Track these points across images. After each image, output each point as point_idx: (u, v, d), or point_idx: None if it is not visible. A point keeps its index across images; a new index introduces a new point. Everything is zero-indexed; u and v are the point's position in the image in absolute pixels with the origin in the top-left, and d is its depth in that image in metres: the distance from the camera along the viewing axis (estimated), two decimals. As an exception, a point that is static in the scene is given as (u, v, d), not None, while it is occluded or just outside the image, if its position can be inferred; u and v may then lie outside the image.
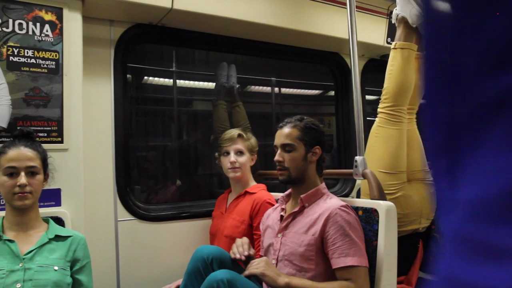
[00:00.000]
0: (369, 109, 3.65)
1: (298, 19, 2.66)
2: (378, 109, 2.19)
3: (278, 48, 2.92)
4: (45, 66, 1.93)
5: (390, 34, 3.07)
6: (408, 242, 2.27)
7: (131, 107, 2.98)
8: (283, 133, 1.79)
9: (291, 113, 4.17)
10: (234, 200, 2.31)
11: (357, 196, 2.82)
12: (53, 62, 1.94)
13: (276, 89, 3.92)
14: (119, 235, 2.28)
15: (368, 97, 3.73)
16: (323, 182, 1.83)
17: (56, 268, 1.53)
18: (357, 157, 1.91)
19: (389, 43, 3.07)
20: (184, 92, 3.61)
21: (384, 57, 3.25)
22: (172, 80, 3.41)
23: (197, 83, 3.71)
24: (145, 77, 3.46)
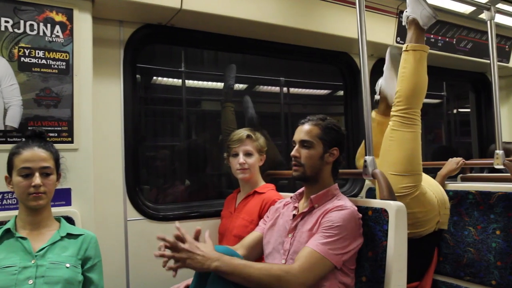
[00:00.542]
0: (378, 109, 3.64)
1: (307, 19, 2.65)
2: (392, 112, 2.17)
3: (287, 48, 2.92)
4: (56, 67, 1.94)
5: (400, 34, 3.05)
6: (423, 247, 2.26)
7: (140, 107, 3.00)
8: (304, 129, 1.78)
9: (300, 113, 4.19)
10: (243, 200, 2.32)
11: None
12: (64, 63, 1.96)
13: (285, 89, 3.91)
14: (129, 235, 2.30)
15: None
16: (336, 184, 1.82)
17: (68, 266, 1.54)
18: (367, 157, 1.90)
19: (399, 43, 3.06)
20: (193, 92, 3.62)
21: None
22: (181, 80, 3.42)
23: (206, 83, 3.72)
24: (154, 77, 3.47)
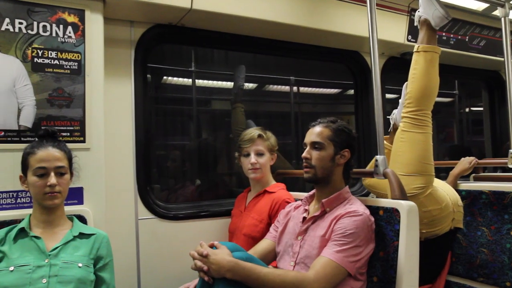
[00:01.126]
0: (389, 108, 3.62)
1: (317, 18, 2.64)
2: (402, 114, 2.15)
3: (297, 47, 2.91)
4: (68, 67, 1.96)
5: (411, 32, 3.03)
6: (439, 247, 2.23)
7: (151, 107, 3.01)
8: (315, 131, 1.78)
9: (310, 112, 4.18)
10: (253, 199, 2.32)
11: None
12: (76, 63, 1.98)
13: (295, 88, 3.91)
14: (140, 233, 2.31)
15: (388, 96, 3.70)
16: (347, 186, 1.81)
17: (80, 265, 1.56)
18: (378, 156, 1.89)
19: (410, 41, 3.03)
20: (203, 92, 3.63)
21: (405, 55, 3.22)
22: (191, 80, 3.44)
23: (216, 83, 3.73)
24: (165, 77, 3.49)
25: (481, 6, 3.21)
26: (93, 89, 2.00)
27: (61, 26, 1.95)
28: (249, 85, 3.89)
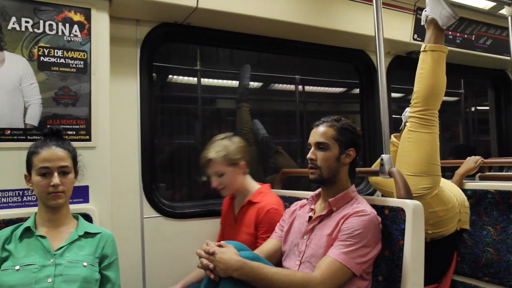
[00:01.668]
0: (394, 107, 3.61)
1: (323, 17, 2.64)
2: (409, 113, 2.13)
3: (303, 46, 2.91)
4: (74, 66, 1.97)
5: (417, 31, 3.01)
6: (445, 248, 2.21)
7: (157, 106, 3.02)
8: (319, 132, 1.76)
9: (315, 111, 4.17)
10: (241, 210, 2.23)
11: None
12: (82, 62, 1.99)
13: (300, 87, 3.90)
14: (145, 232, 2.32)
15: (394, 95, 3.69)
16: (353, 185, 1.80)
17: (85, 264, 1.56)
18: (383, 155, 1.88)
19: (416, 40, 3.02)
20: (209, 91, 3.63)
21: (411, 54, 3.21)
22: (197, 79, 3.44)
23: (222, 81, 3.73)
24: (170, 76, 3.49)
25: (488, 5, 3.19)
26: (99, 88, 2.01)
27: (67, 25, 1.96)
28: (254, 84, 3.89)
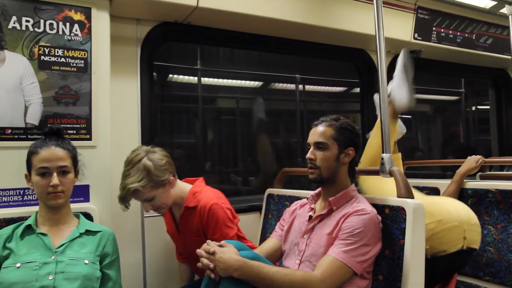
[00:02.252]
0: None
1: (323, 16, 2.63)
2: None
3: (303, 45, 2.91)
4: (74, 65, 1.97)
5: (417, 30, 3.01)
6: (443, 267, 2.09)
7: (157, 105, 3.02)
8: (317, 131, 1.75)
9: (315, 110, 4.17)
10: (180, 219, 2.04)
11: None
12: (82, 61, 1.99)
13: (301, 86, 3.91)
14: (146, 231, 2.32)
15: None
16: (353, 184, 1.79)
17: (87, 262, 1.56)
18: (384, 155, 1.87)
19: (416, 39, 3.02)
20: (209, 90, 3.63)
21: (412, 53, 3.20)
22: (197, 78, 3.44)
23: (222, 81, 3.73)
24: (170, 75, 3.50)
25: (489, 4, 3.18)
26: (99, 87, 2.01)
27: (68, 24, 1.96)
28: (255, 83, 3.89)
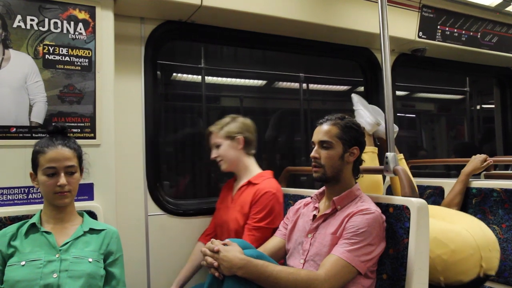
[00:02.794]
0: (399, 105, 3.60)
1: (328, 14, 2.63)
2: None
3: (307, 44, 2.90)
4: (79, 64, 1.97)
5: (422, 28, 3.00)
6: None
7: (161, 103, 3.02)
8: (322, 130, 1.75)
9: (320, 109, 4.17)
10: (238, 190, 2.28)
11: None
12: (86, 60, 1.99)
13: (304, 85, 3.90)
14: (149, 229, 2.32)
15: (398, 93, 3.68)
16: (357, 183, 1.80)
17: (91, 260, 1.57)
18: (388, 153, 1.87)
19: (421, 37, 3.01)
20: (213, 88, 3.63)
21: (416, 52, 3.19)
22: (201, 77, 3.44)
23: (226, 80, 3.73)
24: (174, 74, 3.50)
25: (494, 2, 3.17)
26: (104, 86, 2.01)
27: (72, 23, 1.96)
28: (259, 82, 3.89)
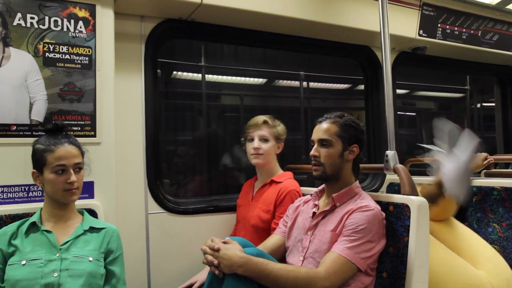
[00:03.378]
0: (399, 103, 3.60)
1: (328, 12, 2.62)
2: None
3: (308, 42, 2.90)
4: (79, 62, 1.97)
5: (422, 26, 3.00)
6: None
7: (161, 102, 3.02)
8: (322, 128, 1.76)
9: (320, 108, 4.16)
10: (260, 189, 2.29)
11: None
12: (86, 58, 1.99)
13: (305, 83, 3.89)
14: (150, 228, 2.33)
15: (398, 91, 3.68)
16: (357, 181, 1.79)
17: (91, 259, 1.57)
18: (388, 152, 1.87)
19: (421, 36, 3.00)
20: (213, 87, 3.63)
21: (416, 50, 3.19)
22: (201, 75, 3.44)
23: (226, 78, 3.73)
24: (174, 72, 3.49)
25: (495, 0, 3.16)
26: (104, 84, 2.02)
27: (72, 21, 1.96)
28: (259, 80, 3.88)
